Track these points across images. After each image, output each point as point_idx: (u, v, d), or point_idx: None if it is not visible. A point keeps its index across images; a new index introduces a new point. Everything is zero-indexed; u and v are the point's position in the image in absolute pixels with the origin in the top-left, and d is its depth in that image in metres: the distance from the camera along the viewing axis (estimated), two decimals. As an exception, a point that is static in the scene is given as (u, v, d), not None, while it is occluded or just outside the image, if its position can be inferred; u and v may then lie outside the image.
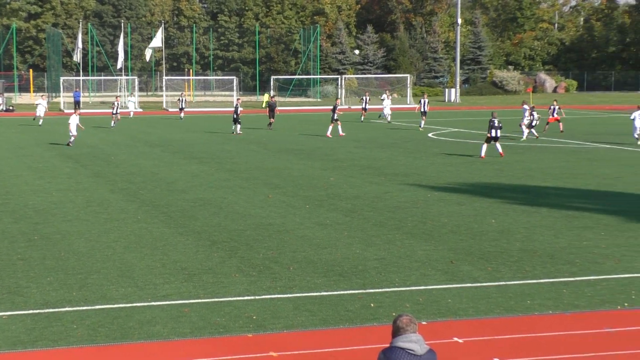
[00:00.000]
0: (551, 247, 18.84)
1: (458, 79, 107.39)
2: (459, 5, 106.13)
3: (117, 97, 66.78)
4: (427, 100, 58.78)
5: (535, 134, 47.90)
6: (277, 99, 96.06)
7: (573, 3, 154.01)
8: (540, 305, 14.31)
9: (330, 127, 51.50)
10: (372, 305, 14.27)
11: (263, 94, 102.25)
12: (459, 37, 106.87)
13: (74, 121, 44.42)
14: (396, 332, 7.59)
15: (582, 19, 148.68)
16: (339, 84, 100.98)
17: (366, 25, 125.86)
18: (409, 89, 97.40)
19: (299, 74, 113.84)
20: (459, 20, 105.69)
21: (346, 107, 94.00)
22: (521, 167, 34.19)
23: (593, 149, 41.89)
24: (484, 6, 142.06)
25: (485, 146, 38.14)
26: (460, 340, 12.52)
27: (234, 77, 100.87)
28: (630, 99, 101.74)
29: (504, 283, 15.73)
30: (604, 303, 14.44)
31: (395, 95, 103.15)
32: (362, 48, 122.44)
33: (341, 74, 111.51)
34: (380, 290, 15.24)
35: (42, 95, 71.28)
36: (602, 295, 14.87)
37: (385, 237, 19.89)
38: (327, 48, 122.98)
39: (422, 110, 57.43)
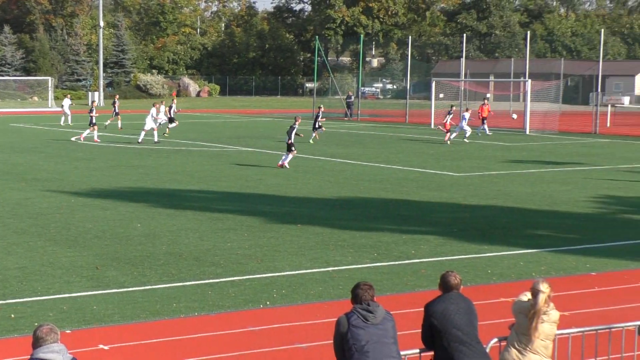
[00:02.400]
0: (196, 249, 19.06)
1: (102, 82, 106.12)
2: (101, 8, 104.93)
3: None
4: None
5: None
6: None
7: (214, 9, 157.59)
8: (186, 307, 14.42)
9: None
10: (12, 316, 13.72)
11: None
12: (101, 39, 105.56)
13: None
14: (36, 342, 7.36)
15: (223, 24, 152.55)
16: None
17: (3, 25, 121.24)
18: (50, 92, 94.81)
19: None
20: (102, 23, 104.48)
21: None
22: (166, 171, 34.33)
23: (236, 152, 42.97)
24: (126, 9, 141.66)
25: None
26: (106, 347, 12.34)
27: None
28: (271, 103, 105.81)
29: (150, 287, 15.70)
30: (247, 302, 14.81)
31: (35, 98, 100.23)
32: None
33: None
34: (21, 300, 14.70)
35: None
36: (246, 295, 15.25)
37: (26, 245, 19.20)
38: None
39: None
